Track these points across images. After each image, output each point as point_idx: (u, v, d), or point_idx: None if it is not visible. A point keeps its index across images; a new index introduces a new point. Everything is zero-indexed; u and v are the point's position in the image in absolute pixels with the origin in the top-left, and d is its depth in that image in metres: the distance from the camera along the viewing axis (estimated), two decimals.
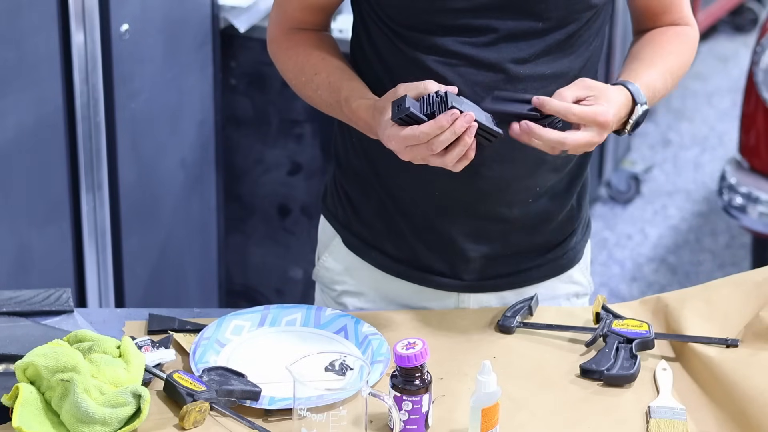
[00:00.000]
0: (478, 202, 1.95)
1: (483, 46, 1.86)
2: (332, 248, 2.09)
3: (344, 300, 2.08)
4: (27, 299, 1.94)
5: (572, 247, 2.07)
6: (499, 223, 1.97)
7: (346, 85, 1.90)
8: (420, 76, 1.83)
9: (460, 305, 2.03)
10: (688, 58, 2.00)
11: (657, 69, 1.93)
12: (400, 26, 1.89)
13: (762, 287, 1.97)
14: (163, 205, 3.02)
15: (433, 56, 1.87)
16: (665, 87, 1.94)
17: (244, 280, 3.43)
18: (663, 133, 5.39)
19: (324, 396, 1.61)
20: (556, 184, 1.97)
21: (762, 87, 3.77)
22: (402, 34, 1.89)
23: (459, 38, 1.86)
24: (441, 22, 1.86)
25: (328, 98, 1.92)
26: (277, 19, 2.01)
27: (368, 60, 1.94)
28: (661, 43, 1.98)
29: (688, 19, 2.02)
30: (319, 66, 1.94)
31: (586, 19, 1.90)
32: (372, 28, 1.93)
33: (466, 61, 1.87)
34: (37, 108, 2.58)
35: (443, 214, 1.96)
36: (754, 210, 3.73)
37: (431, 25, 1.86)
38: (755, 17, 6.37)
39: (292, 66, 1.98)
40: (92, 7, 2.64)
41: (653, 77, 1.92)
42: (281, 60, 2.00)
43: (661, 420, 1.74)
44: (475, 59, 1.86)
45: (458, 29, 1.86)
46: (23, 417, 1.62)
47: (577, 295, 2.11)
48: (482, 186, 1.92)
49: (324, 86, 1.93)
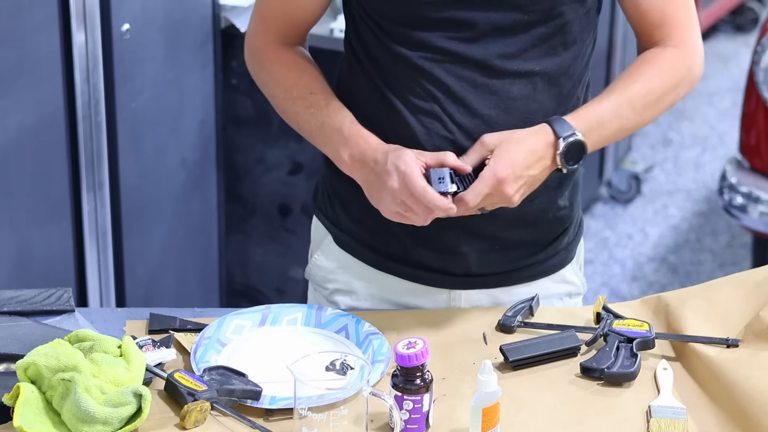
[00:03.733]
0: None
1: (468, 41, 1.86)
2: (324, 247, 2.09)
3: (336, 298, 2.08)
4: (28, 299, 1.94)
5: (564, 247, 2.06)
6: (490, 219, 1.97)
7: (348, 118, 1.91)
8: (408, 72, 1.87)
9: (451, 304, 2.03)
10: (663, 83, 1.93)
11: (610, 98, 1.90)
12: (386, 21, 1.89)
13: (762, 287, 1.97)
14: (164, 205, 3.02)
15: (420, 52, 1.88)
16: (622, 116, 1.90)
17: (245, 279, 3.43)
18: (664, 132, 5.39)
19: (325, 395, 1.61)
20: (548, 180, 1.98)
21: (762, 87, 3.77)
22: (388, 30, 1.89)
23: (444, 33, 1.86)
24: (424, 14, 1.86)
25: (323, 118, 1.92)
26: (258, 31, 2.01)
27: (358, 57, 1.95)
28: (631, 71, 1.95)
29: (681, 40, 1.96)
30: (314, 86, 1.95)
31: (573, 12, 1.89)
32: (360, 25, 1.94)
33: (452, 57, 1.87)
34: (38, 108, 2.58)
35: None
36: (754, 209, 3.73)
37: (415, 19, 1.87)
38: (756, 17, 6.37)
39: (282, 79, 1.98)
40: (93, 6, 2.64)
41: (602, 107, 1.89)
42: (266, 71, 2.00)
43: (661, 419, 1.74)
44: (462, 55, 1.87)
45: (442, 23, 1.86)
46: (24, 416, 1.62)
47: (569, 294, 2.10)
48: None
49: (320, 107, 1.93)
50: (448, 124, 1.89)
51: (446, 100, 1.88)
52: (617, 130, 1.92)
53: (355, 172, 1.90)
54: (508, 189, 1.82)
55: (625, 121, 1.91)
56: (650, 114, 1.94)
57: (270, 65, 2.00)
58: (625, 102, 1.91)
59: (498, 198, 1.83)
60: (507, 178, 1.81)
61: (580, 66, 1.95)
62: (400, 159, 1.82)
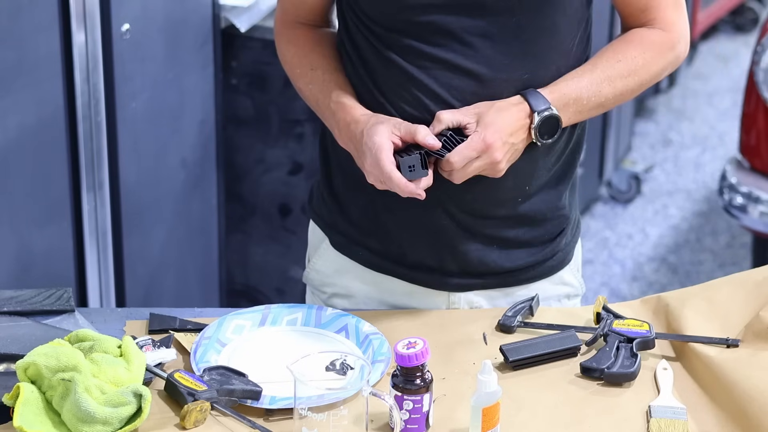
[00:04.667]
0: (467, 201, 1.95)
1: (456, 50, 1.86)
2: (321, 251, 2.09)
3: (334, 302, 2.08)
4: (28, 299, 1.94)
5: (562, 248, 2.06)
6: (488, 221, 1.97)
7: (336, 90, 1.93)
8: (399, 78, 1.89)
9: (450, 306, 2.03)
10: (645, 62, 1.93)
11: (590, 76, 1.90)
12: (375, 25, 1.90)
13: (762, 287, 1.97)
14: (164, 205, 3.02)
15: (409, 58, 1.88)
16: (601, 93, 1.90)
17: (245, 279, 3.43)
18: (664, 132, 5.39)
19: (325, 395, 1.61)
20: (545, 181, 1.97)
21: (762, 87, 3.77)
22: (379, 35, 1.90)
23: (432, 40, 1.86)
24: (409, 18, 1.86)
25: (317, 94, 1.95)
26: (279, 14, 2.05)
27: (351, 59, 1.96)
28: (613, 49, 1.94)
29: (668, 23, 1.96)
30: (316, 62, 1.97)
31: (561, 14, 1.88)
32: (352, 29, 1.94)
33: (441, 64, 1.87)
34: (38, 108, 2.58)
35: (432, 213, 1.96)
36: (754, 209, 3.73)
37: (402, 24, 1.87)
38: (756, 17, 6.37)
39: (291, 57, 2.01)
40: (93, 6, 2.64)
41: (581, 84, 1.89)
42: (282, 50, 2.04)
43: (661, 419, 1.74)
44: (450, 63, 1.87)
45: (429, 29, 1.86)
46: (24, 416, 1.62)
47: (568, 296, 2.10)
48: (472, 185, 1.91)
49: (317, 82, 1.95)
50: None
51: (436, 108, 1.88)
52: (594, 107, 1.92)
53: (346, 144, 1.92)
54: (497, 154, 1.83)
55: (604, 99, 1.91)
56: (630, 94, 1.95)
57: (283, 45, 2.04)
58: (605, 80, 1.91)
59: (486, 163, 1.83)
60: (495, 143, 1.82)
61: (573, 68, 1.94)
62: (371, 139, 1.84)
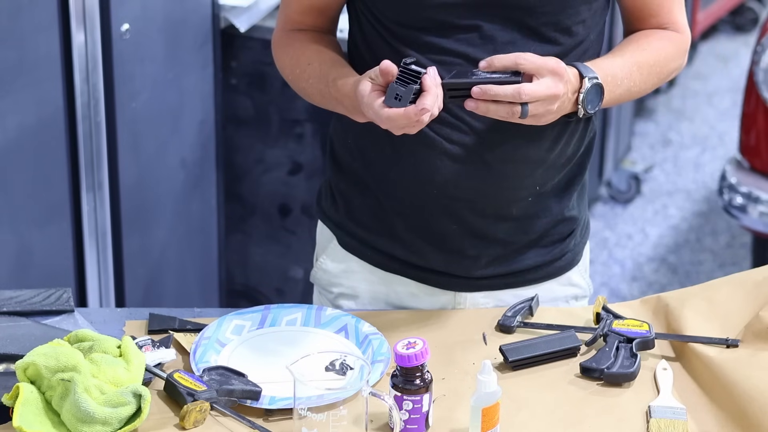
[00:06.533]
0: (476, 201, 1.94)
1: (476, 45, 1.86)
2: (329, 251, 2.09)
3: (341, 302, 2.08)
4: (27, 299, 1.94)
5: (571, 249, 2.06)
6: (498, 221, 1.97)
7: (334, 71, 1.91)
8: None
9: (456, 306, 2.03)
10: (667, 56, 1.96)
11: (622, 59, 1.91)
12: (393, 23, 1.89)
13: (762, 287, 1.97)
14: (163, 205, 3.02)
15: (429, 54, 1.87)
16: (632, 78, 1.91)
17: (245, 279, 3.43)
18: (663, 132, 5.39)
19: (324, 395, 1.61)
20: (556, 183, 1.97)
21: (762, 87, 3.77)
22: (396, 32, 1.89)
23: (451, 35, 1.85)
24: (431, 16, 1.85)
25: (318, 85, 1.93)
26: (280, 23, 2.03)
27: (364, 60, 1.94)
28: (637, 40, 1.96)
29: (678, 26, 1.99)
30: (312, 57, 1.95)
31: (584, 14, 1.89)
32: (366, 27, 1.93)
33: (460, 59, 1.86)
34: (37, 108, 2.58)
35: (441, 212, 1.96)
36: (754, 210, 3.73)
37: (423, 21, 1.86)
38: (756, 17, 6.37)
39: (288, 61, 1.99)
40: (93, 6, 2.64)
41: (616, 64, 1.90)
42: (279, 57, 2.02)
43: (661, 420, 1.74)
44: (470, 57, 1.86)
45: (449, 25, 1.85)
46: (24, 416, 1.62)
47: (576, 297, 2.10)
48: (482, 185, 1.92)
49: (315, 75, 1.93)
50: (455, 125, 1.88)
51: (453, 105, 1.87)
52: (624, 91, 1.91)
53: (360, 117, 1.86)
54: (561, 85, 1.78)
55: (632, 84, 1.92)
56: (654, 83, 1.96)
57: (281, 51, 2.01)
58: (635, 65, 1.92)
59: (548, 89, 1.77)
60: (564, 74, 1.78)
61: None
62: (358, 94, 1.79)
